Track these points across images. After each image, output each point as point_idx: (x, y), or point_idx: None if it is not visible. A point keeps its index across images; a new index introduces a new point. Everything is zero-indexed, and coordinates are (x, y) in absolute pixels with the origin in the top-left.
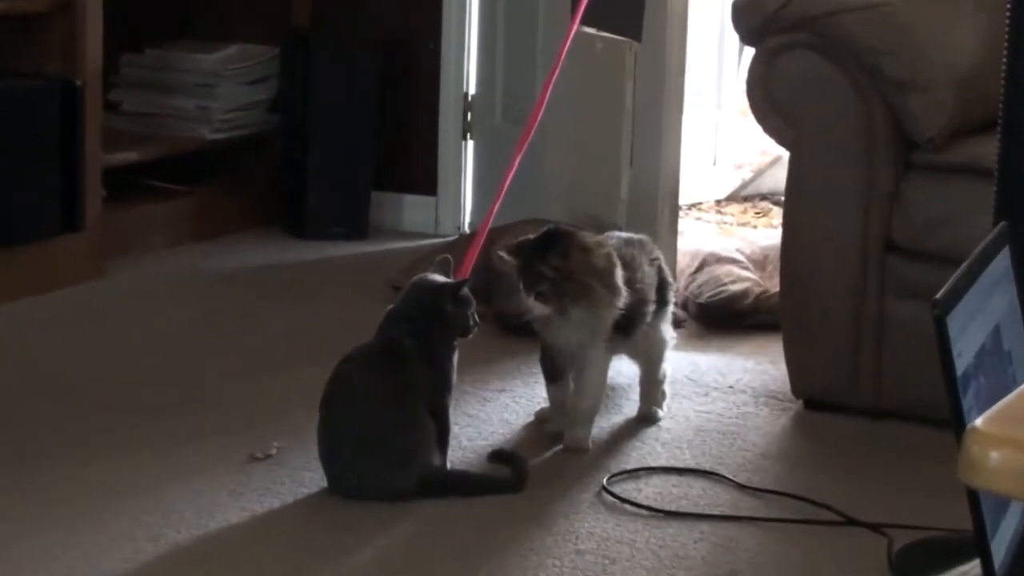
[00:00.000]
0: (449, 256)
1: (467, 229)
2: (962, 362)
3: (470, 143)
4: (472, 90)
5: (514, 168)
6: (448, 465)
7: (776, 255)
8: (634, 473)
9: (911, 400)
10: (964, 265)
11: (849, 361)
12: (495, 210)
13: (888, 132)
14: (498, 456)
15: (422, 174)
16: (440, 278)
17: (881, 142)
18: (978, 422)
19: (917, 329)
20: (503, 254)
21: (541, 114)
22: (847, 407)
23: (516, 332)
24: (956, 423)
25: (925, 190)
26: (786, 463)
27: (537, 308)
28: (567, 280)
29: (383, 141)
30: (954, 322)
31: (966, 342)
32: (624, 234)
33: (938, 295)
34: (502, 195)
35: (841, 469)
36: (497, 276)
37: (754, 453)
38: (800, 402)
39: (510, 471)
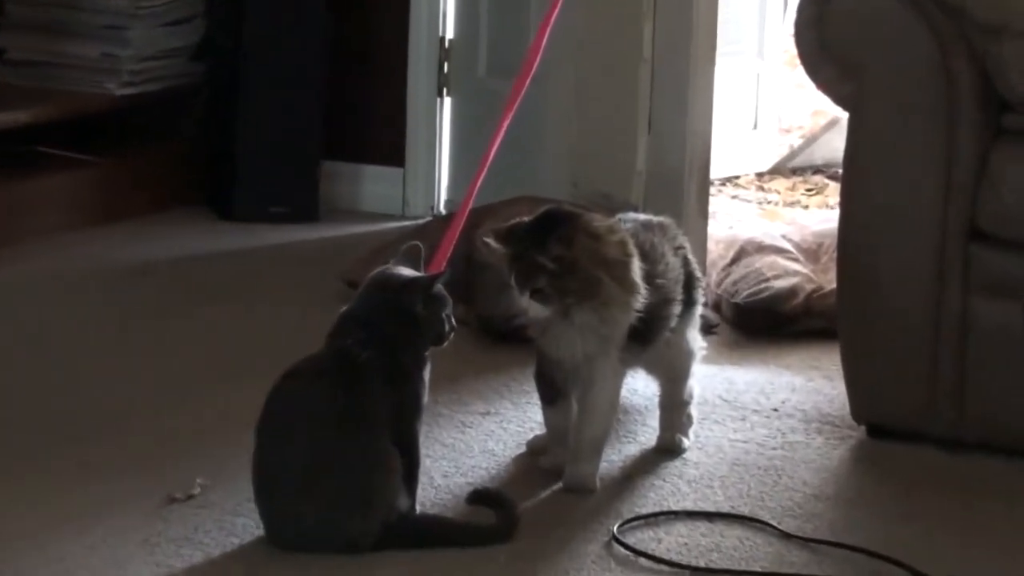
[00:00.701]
0: (419, 243)
1: (443, 209)
2: None
3: (447, 101)
4: (450, 34)
5: (502, 132)
6: (418, 508)
7: (833, 243)
8: (652, 519)
9: (1001, 428)
10: None
11: (924, 378)
12: (478, 185)
13: (974, 89)
14: (481, 497)
15: (386, 140)
16: (407, 272)
17: (965, 101)
18: None
19: (1009, 337)
20: (490, 241)
21: (536, 65)
22: (921, 436)
23: (504, 340)
24: None
25: (1020, 162)
26: (844, 506)
27: (533, 310)
28: (571, 274)
29: (336, 98)
30: None
31: None
32: (642, 216)
33: None
34: (486, 166)
35: (913, 514)
36: (481, 269)
37: (804, 494)
38: (862, 429)
39: (495, 516)
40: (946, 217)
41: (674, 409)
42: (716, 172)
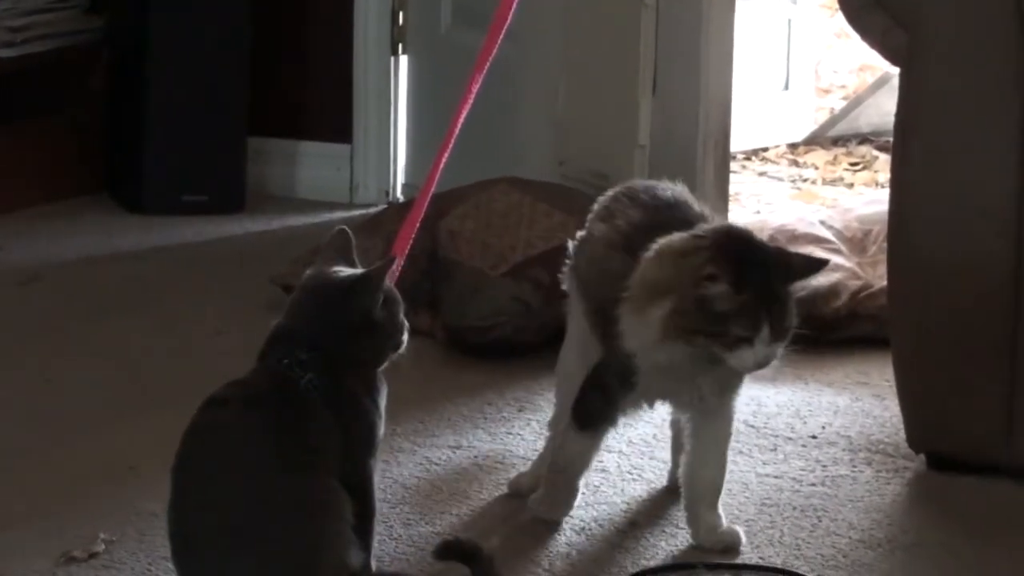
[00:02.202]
0: (346, 228)
1: (400, 196)
2: None
3: (403, 61)
4: None
5: (471, 99)
6: (374, 565)
7: (883, 230)
8: (665, 574)
9: None
10: None
11: (997, 399)
12: (442, 165)
13: None
14: (451, 549)
15: (328, 110)
16: (344, 269)
17: None
18: None
19: None
20: (715, 284)
21: (512, 13)
22: (993, 468)
23: (477, 355)
24: None
25: None
26: (900, 555)
27: (775, 356)
28: None
29: (265, 59)
30: None
31: None
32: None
33: None
34: (452, 141)
35: (986, 562)
36: (448, 269)
37: (850, 539)
38: (921, 459)
39: (470, 572)
40: (1022, 196)
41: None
42: (739, 144)
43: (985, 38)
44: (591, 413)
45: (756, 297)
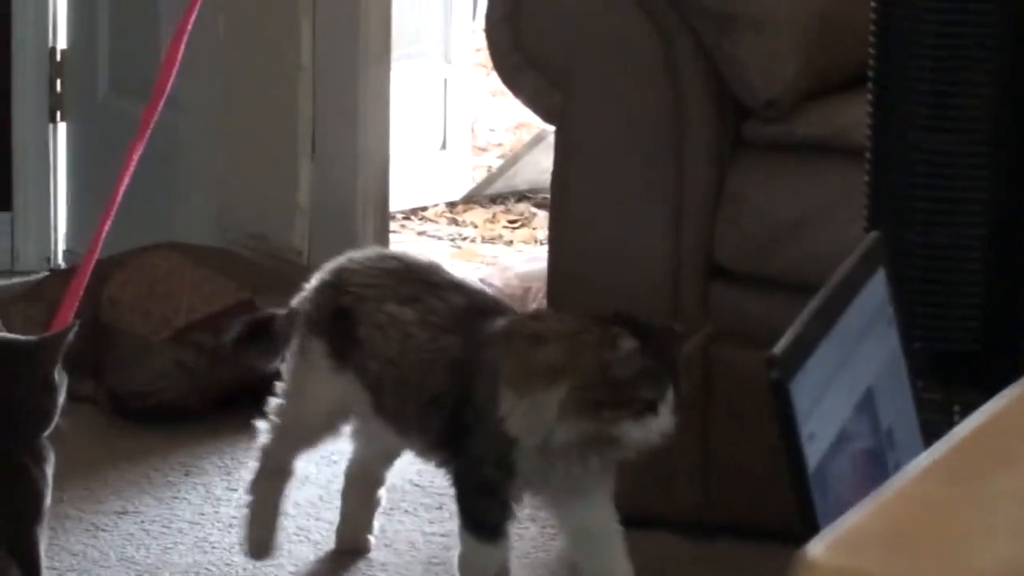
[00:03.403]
0: None
1: (62, 262)
2: (816, 448)
3: (62, 127)
4: (62, 43)
5: (132, 165)
6: None
7: (543, 287)
8: None
9: (752, 508)
10: (818, 299)
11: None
12: (105, 231)
13: (705, 94)
14: None
15: None
16: (13, 336)
17: (695, 108)
18: (814, 547)
19: (756, 393)
20: (616, 337)
21: (172, 81)
22: (660, 521)
23: (140, 420)
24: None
25: (763, 181)
26: None
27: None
28: None
29: None
30: (802, 388)
31: (821, 418)
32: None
33: (776, 348)
34: (114, 208)
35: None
36: (111, 335)
37: None
38: None
39: None
40: (679, 251)
41: (369, 496)
42: (398, 203)
43: (636, 96)
44: (487, 521)
45: (657, 360)
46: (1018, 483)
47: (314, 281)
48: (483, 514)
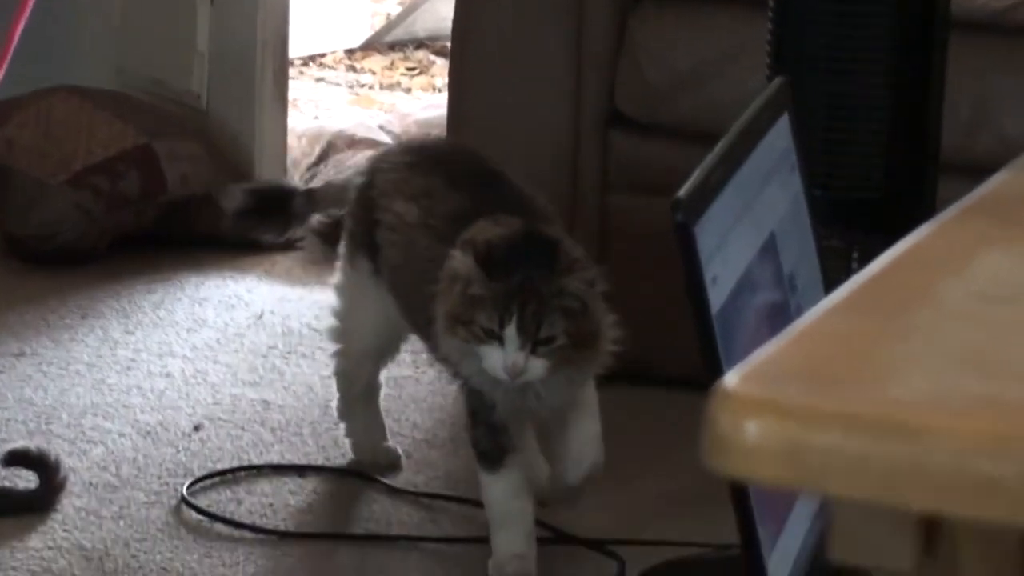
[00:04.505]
0: None
1: None
2: (719, 292)
3: None
4: None
5: (28, 8)
6: None
7: (442, 135)
8: (230, 476)
9: (650, 351)
10: (721, 145)
11: None
12: (2, 73)
13: None
14: (18, 457)
15: None
16: None
17: None
18: (730, 379)
19: (654, 241)
20: (460, 254)
21: None
22: None
23: (38, 264)
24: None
25: (665, 29)
26: (463, 454)
27: (533, 371)
28: (583, 318)
29: None
30: (706, 232)
31: (724, 261)
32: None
33: (681, 191)
34: (11, 51)
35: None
36: (8, 178)
37: (414, 439)
38: None
39: (37, 480)
40: (579, 99)
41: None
42: (296, 50)
43: None
44: (488, 452)
45: (508, 289)
46: (932, 316)
47: (354, 183)
48: (481, 446)
